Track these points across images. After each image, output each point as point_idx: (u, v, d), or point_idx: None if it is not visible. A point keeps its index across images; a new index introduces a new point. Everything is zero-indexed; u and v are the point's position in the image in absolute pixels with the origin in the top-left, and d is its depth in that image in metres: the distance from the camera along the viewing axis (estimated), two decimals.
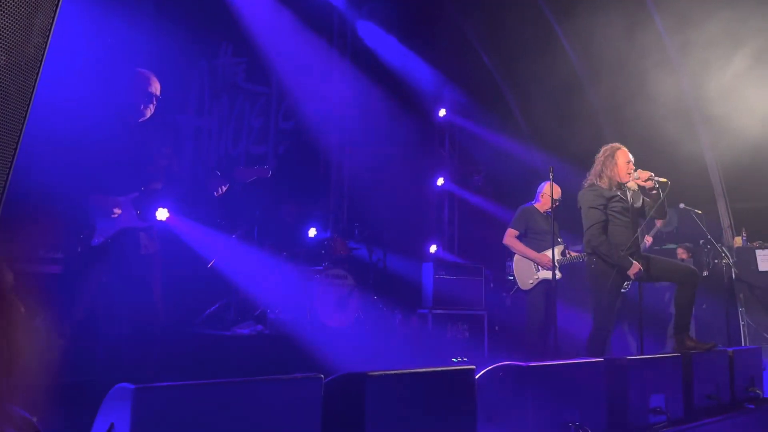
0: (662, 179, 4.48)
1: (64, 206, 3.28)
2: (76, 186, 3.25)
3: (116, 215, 3.27)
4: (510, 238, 5.75)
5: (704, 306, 6.61)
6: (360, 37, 8.86)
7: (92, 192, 3.27)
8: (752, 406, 4.30)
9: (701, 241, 6.80)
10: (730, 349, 4.43)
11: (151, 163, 3.48)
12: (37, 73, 1.68)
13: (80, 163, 3.24)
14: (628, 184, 4.62)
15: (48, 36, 1.71)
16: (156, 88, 3.50)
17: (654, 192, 4.49)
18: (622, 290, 4.70)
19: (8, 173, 1.70)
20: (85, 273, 3.22)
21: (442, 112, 10.02)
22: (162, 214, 6.20)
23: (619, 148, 4.65)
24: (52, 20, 1.69)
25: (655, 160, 5.03)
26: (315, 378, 2.22)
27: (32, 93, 1.67)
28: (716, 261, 6.84)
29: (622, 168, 4.56)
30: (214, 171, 3.62)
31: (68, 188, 3.26)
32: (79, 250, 3.18)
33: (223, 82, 7.64)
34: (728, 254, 6.81)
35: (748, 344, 6.62)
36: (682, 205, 6.42)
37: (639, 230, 4.62)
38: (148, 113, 3.51)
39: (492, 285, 8.07)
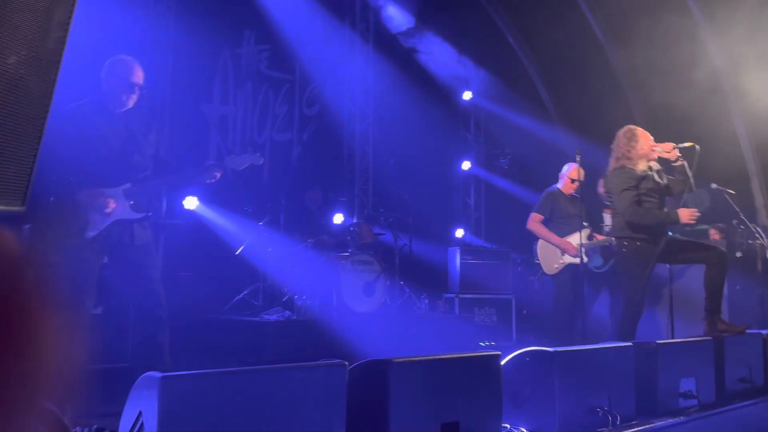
0: (687, 144, 4.40)
1: (57, 201, 3.27)
2: (65, 179, 3.22)
3: (110, 209, 3.27)
4: (534, 222, 5.68)
5: (737, 287, 6.46)
6: (382, 21, 8.79)
7: (82, 185, 3.25)
8: None
9: (734, 221, 6.63)
10: (764, 332, 4.34)
11: (139, 152, 3.45)
12: (58, 67, 1.70)
13: (66, 155, 3.20)
14: (651, 164, 4.54)
15: (67, 29, 1.73)
16: (139, 76, 3.44)
17: (679, 163, 4.42)
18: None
19: (32, 166, 1.73)
20: (83, 265, 3.23)
21: (466, 95, 9.90)
22: (191, 203, 6.31)
23: (636, 128, 4.59)
24: (71, 13, 1.71)
25: (686, 139, 4.90)
26: (340, 365, 2.23)
27: (53, 86, 1.68)
28: (750, 241, 6.67)
29: (647, 146, 4.49)
30: (205, 159, 3.59)
31: (57, 182, 3.25)
32: (73, 242, 3.19)
33: (247, 70, 7.67)
34: (762, 234, 6.63)
35: None
36: (714, 185, 6.26)
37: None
38: (131, 102, 3.45)
39: (519, 269, 8.00)
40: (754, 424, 3.74)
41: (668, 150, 4.43)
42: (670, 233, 4.64)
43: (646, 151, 4.50)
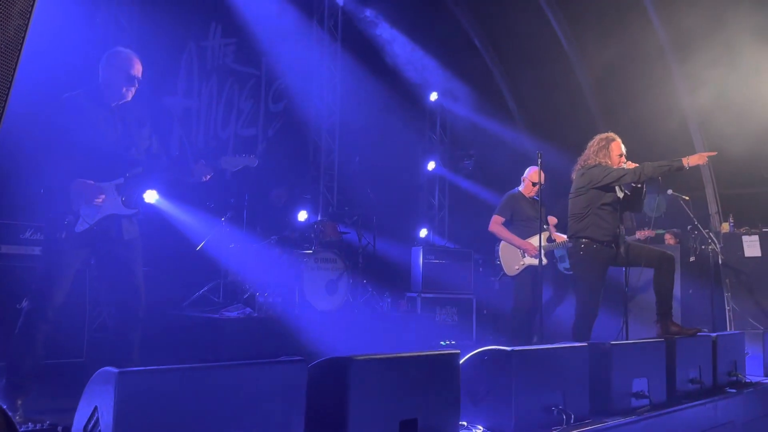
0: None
1: (47, 192, 3.22)
2: (59, 171, 3.18)
3: (100, 202, 3.21)
4: (495, 225, 5.76)
5: (690, 291, 6.66)
6: (350, 20, 8.78)
7: (75, 177, 3.20)
8: (734, 390, 4.37)
9: (689, 227, 6.83)
10: (713, 335, 4.48)
11: (134, 146, 3.40)
12: (18, 57, 1.66)
13: (62, 148, 3.16)
14: None
15: (29, 18, 1.69)
16: (138, 69, 3.40)
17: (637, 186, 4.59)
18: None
19: None
20: (67, 258, 3.18)
21: (433, 96, 9.97)
22: (151, 196, 6.19)
23: (613, 140, 4.68)
24: (33, 2, 1.67)
25: (644, 146, 5.05)
26: (299, 362, 2.23)
27: (12, 77, 1.64)
28: (703, 247, 6.88)
29: (615, 160, 4.61)
30: (199, 159, 3.54)
31: (51, 174, 3.20)
32: (63, 235, 3.13)
33: (212, 63, 7.58)
34: (715, 240, 6.85)
35: (733, 329, 6.69)
36: (670, 191, 6.43)
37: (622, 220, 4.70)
38: (129, 95, 3.41)
39: (481, 269, 8.10)
40: (703, 423, 3.87)
41: None
42: (626, 238, 4.77)
43: (611, 164, 4.62)
